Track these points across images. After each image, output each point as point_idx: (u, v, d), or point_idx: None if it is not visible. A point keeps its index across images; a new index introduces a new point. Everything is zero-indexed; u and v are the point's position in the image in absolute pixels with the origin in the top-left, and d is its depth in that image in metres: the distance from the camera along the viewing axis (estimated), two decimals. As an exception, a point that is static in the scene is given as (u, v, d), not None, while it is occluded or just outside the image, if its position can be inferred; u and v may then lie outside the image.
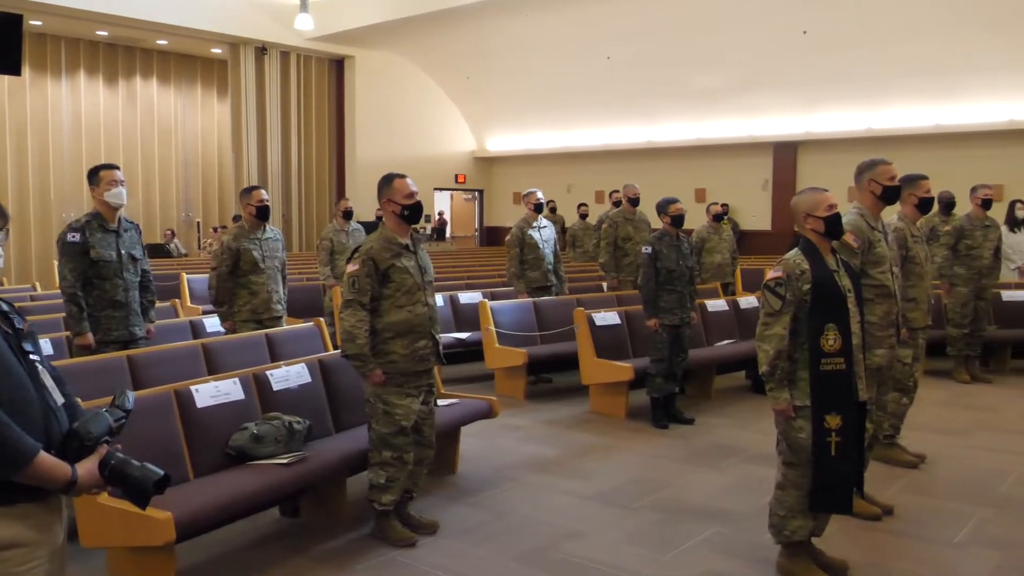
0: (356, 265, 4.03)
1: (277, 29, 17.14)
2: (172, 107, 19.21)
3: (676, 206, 6.45)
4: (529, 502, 4.76)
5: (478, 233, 22.23)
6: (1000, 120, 13.92)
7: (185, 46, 18.29)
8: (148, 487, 2.07)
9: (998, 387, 7.90)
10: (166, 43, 18.03)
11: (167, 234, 17.80)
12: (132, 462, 2.08)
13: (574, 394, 7.37)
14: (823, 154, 15.94)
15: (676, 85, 16.46)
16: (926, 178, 5.07)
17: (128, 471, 2.06)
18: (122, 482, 2.07)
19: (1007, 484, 5.09)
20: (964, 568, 3.90)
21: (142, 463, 2.09)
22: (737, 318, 7.92)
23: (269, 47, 17.60)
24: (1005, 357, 8.63)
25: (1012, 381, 8.15)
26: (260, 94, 17.68)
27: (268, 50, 17.63)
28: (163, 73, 19.04)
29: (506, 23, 16.27)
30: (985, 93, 13.86)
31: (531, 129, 20.02)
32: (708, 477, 5.24)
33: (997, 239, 8.11)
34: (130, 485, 2.07)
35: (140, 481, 2.06)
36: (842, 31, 13.87)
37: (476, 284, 9.95)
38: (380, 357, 4.05)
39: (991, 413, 6.92)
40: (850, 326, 3.55)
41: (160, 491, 2.09)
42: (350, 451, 4.33)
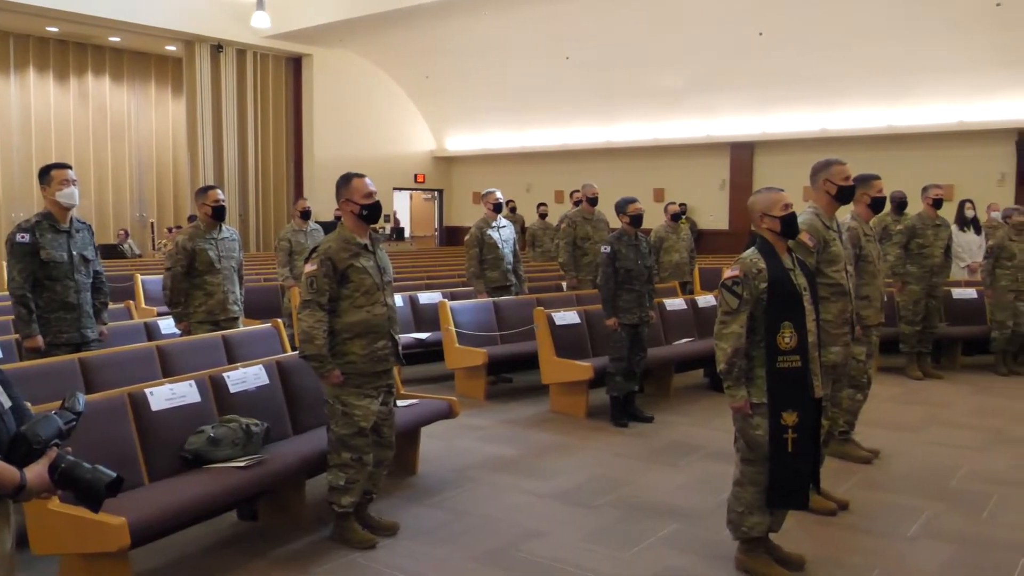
0: (314, 265, 3.99)
1: (233, 27, 16.95)
2: (125, 105, 18.90)
3: (635, 206, 6.49)
4: (489, 502, 4.75)
5: (437, 233, 22.18)
6: (950, 121, 14.23)
7: (138, 43, 18.00)
8: (100, 490, 2.02)
9: (949, 383, 8.07)
10: (119, 40, 17.73)
11: (120, 234, 17.50)
12: (83, 464, 2.03)
13: (534, 393, 7.38)
14: (779, 154, 16.16)
15: (635, 86, 16.59)
16: (878, 178, 5.17)
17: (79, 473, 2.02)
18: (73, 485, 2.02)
19: (958, 478, 5.20)
20: (916, 561, 3.97)
21: (93, 465, 2.04)
22: (695, 317, 7.99)
23: (225, 45, 17.40)
24: (956, 354, 8.81)
25: (963, 377, 8.33)
26: (216, 92, 17.46)
27: (224, 48, 17.43)
28: (116, 71, 18.73)
29: (465, 23, 16.26)
30: (935, 95, 14.16)
31: (491, 129, 20.03)
32: (667, 475, 5.28)
33: (947, 238, 8.28)
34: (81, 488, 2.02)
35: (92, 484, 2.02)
36: (797, 33, 14.08)
37: (436, 284, 9.92)
38: (339, 358, 4.02)
39: (942, 409, 7.06)
40: (806, 324, 3.60)
41: (113, 494, 2.04)
42: (309, 453, 4.29)
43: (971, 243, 10.41)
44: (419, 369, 8.18)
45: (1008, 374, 8.40)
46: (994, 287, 8.47)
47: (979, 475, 5.25)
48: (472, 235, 8.14)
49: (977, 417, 6.76)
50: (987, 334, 8.57)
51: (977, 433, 6.25)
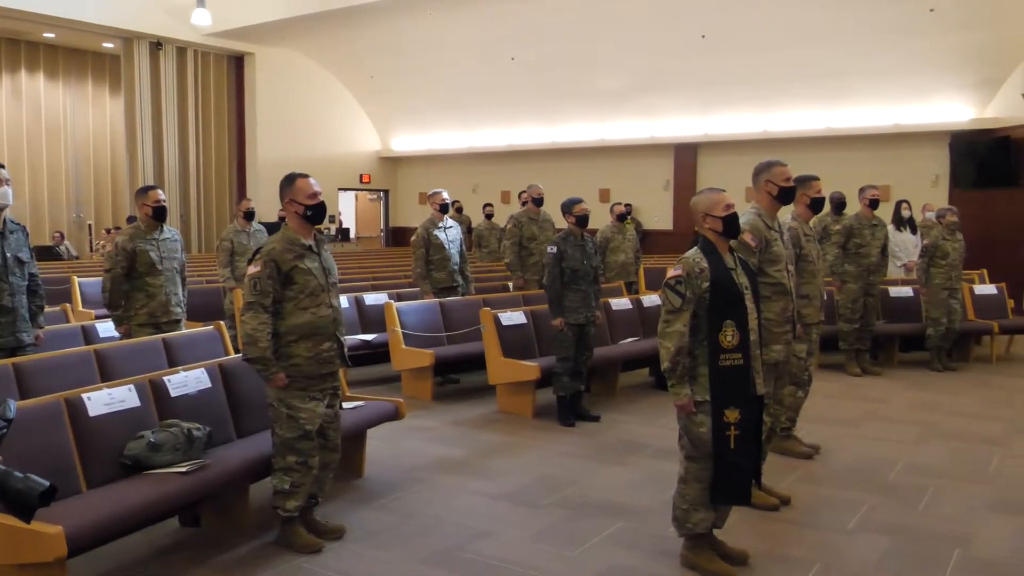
0: (257, 267, 3.94)
1: (173, 24, 16.62)
2: (61, 103, 18.44)
3: (581, 206, 6.52)
4: (437, 503, 4.74)
5: (383, 234, 22.03)
6: (886, 124, 14.58)
7: (74, 40, 17.58)
8: (32, 500, 1.97)
9: (886, 379, 8.27)
10: (53, 36, 17.30)
11: (56, 236, 17.06)
12: (14, 474, 1.98)
13: (481, 394, 7.38)
14: (722, 155, 16.38)
15: (579, 86, 16.68)
16: (818, 179, 5.27)
17: (10, 483, 1.96)
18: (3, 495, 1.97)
19: (895, 472, 5.33)
20: (856, 553, 4.06)
21: (25, 474, 1.99)
22: (640, 316, 8.07)
23: (164, 42, 17.05)
24: (893, 350, 9.03)
25: (899, 373, 8.54)
26: (155, 91, 17.11)
27: (163, 45, 17.09)
28: (51, 68, 18.26)
29: (410, 22, 16.19)
30: (872, 98, 14.50)
31: (436, 129, 19.97)
32: (614, 473, 5.32)
33: (884, 238, 8.48)
34: (12, 498, 1.97)
35: (23, 494, 1.97)
36: (738, 36, 14.29)
37: (382, 285, 9.86)
38: (283, 360, 3.97)
39: (880, 404, 7.23)
40: (747, 323, 3.66)
41: (46, 504, 2.00)
42: (253, 457, 4.23)
43: (907, 242, 10.67)
44: (365, 371, 8.13)
45: (942, 370, 8.63)
46: (929, 285, 8.69)
47: (915, 468, 5.39)
48: (418, 236, 8.11)
49: (913, 412, 6.94)
50: (923, 331, 8.80)
51: (913, 427, 6.42)
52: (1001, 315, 9.45)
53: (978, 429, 6.38)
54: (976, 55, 13.26)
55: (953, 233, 8.74)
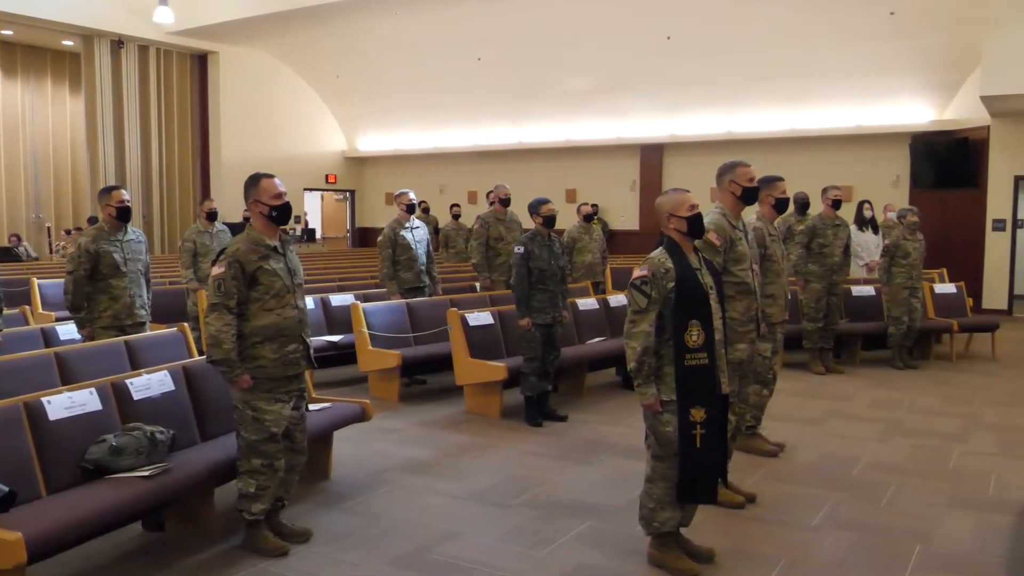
0: (221, 268, 3.90)
1: (134, 22, 16.41)
2: (19, 102, 18.12)
3: (548, 207, 6.53)
4: (404, 505, 4.72)
5: (350, 234, 21.92)
6: (848, 125, 14.79)
7: (33, 37, 17.29)
8: (-8, 506, 1.93)
9: (849, 377, 8.37)
10: (11, 34, 16.99)
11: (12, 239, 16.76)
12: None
13: (449, 395, 7.37)
14: (687, 156, 16.51)
15: (546, 87, 16.72)
16: (782, 180, 5.33)
17: (-31, 490, 1.93)
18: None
19: (858, 469, 5.40)
20: (820, 550, 4.11)
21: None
22: (607, 316, 8.10)
23: (126, 40, 16.83)
24: (856, 349, 9.15)
25: (862, 371, 8.66)
26: (117, 90, 16.88)
27: (125, 44, 16.85)
28: (8, 65, 17.94)
29: (376, 22, 16.13)
30: (835, 99, 14.70)
31: (403, 129, 19.90)
32: (581, 472, 5.33)
33: (847, 237, 8.60)
34: (-28, 505, 1.93)
35: (-17, 500, 1.93)
36: (703, 38, 14.42)
37: (348, 286, 9.81)
38: (248, 362, 3.94)
39: (843, 402, 7.32)
40: (712, 322, 3.68)
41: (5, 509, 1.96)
42: (217, 460, 4.18)
43: (869, 242, 10.82)
44: (332, 372, 8.07)
45: (904, 368, 8.76)
46: (890, 284, 8.82)
47: (878, 465, 5.47)
48: (385, 236, 8.07)
49: (876, 409, 7.04)
50: (884, 330, 8.92)
51: (876, 425, 6.51)
52: (960, 314, 9.61)
53: (939, 426, 6.48)
54: (935, 58, 13.49)
55: (914, 233, 8.87)
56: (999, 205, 13.45)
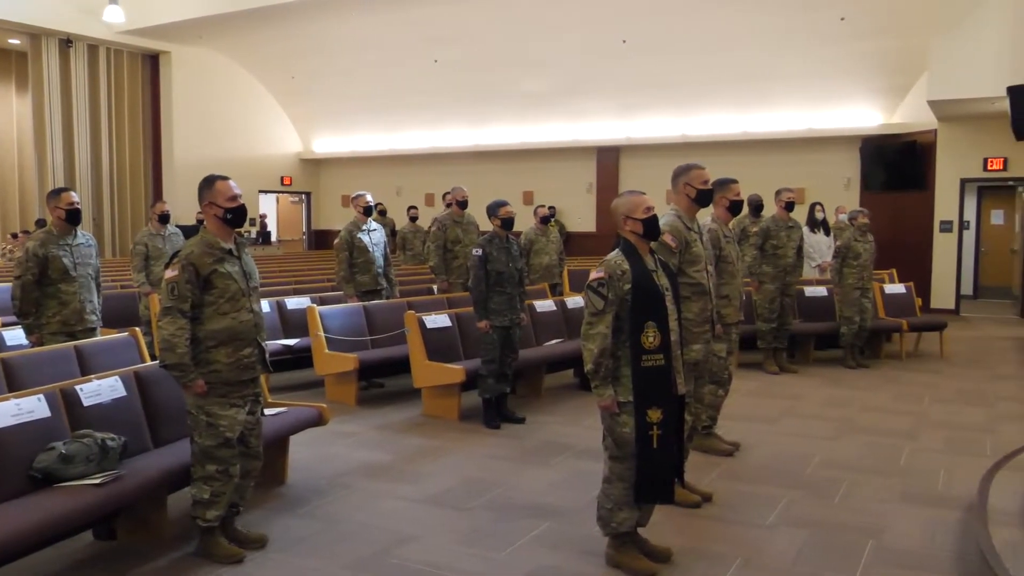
0: (175, 271, 3.84)
1: (83, 20, 16.11)
2: (-37, 102, 17.68)
3: (506, 209, 6.54)
4: (362, 509, 4.69)
5: (306, 236, 21.73)
6: (800, 128, 15.03)
7: (-23, 35, 16.89)
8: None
9: (803, 376, 8.50)
10: (-45, 32, 16.58)
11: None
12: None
13: (406, 398, 7.33)
14: (643, 158, 16.64)
15: (503, 89, 16.74)
16: (736, 182, 5.39)
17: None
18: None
19: (811, 467, 5.48)
20: (775, 547, 4.16)
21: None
22: (565, 318, 8.12)
23: (75, 40, 16.51)
24: (808, 348, 9.30)
25: (815, 371, 8.79)
26: (66, 90, 16.55)
27: (74, 43, 16.53)
28: (-48, 64, 17.51)
29: (332, 23, 16.02)
30: (787, 103, 14.94)
31: (359, 131, 19.79)
32: (539, 474, 5.34)
33: (800, 239, 8.73)
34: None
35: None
36: (658, 42, 14.55)
37: (304, 289, 9.73)
38: (202, 366, 3.88)
39: (797, 401, 7.43)
40: (668, 323, 3.71)
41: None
42: (171, 466, 4.12)
43: (821, 243, 11.00)
44: (288, 376, 8.00)
45: (855, 367, 8.91)
46: (842, 285, 8.97)
47: (831, 463, 5.55)
48: (342, 238, 8.03)
49: (828, 408, 7.15)
50: (836, 329, 9.07)
51: (828, 423, 6.61)
52: (910, 313, 9.81)
53: (889, 424, 6.61)
54: (884, 62, 13.77)
55: (864, 234, 9.03)
56: (946, 207, 13.77)
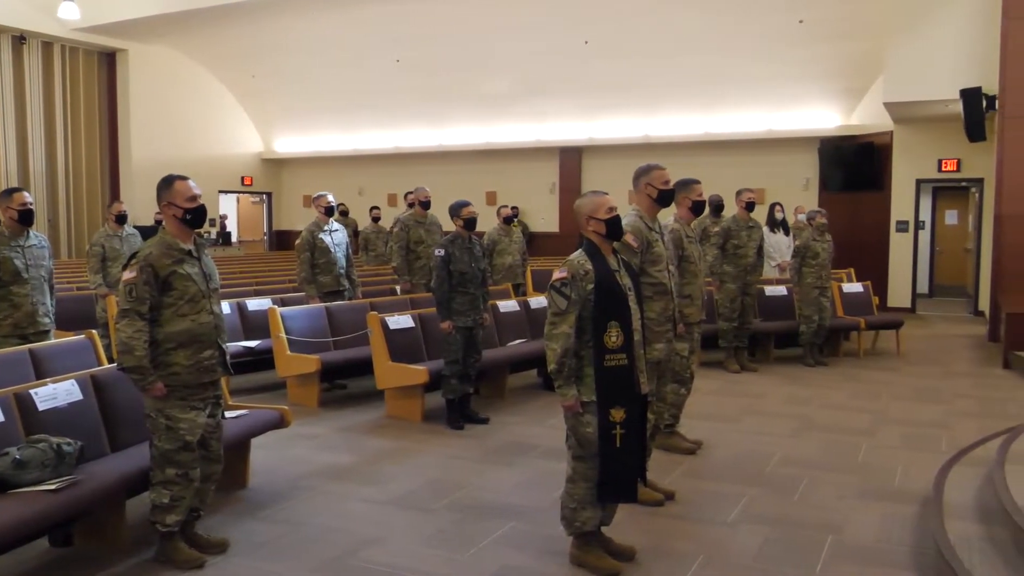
0: (133, 272, 3.78)
1: (38, 17, 15.80)
2: (-88, 100, 17.22)
3: (469, 209, 6.54)
4: (325, 512, 4.66)
5: (267, 237, 21.52)
6: (760, 129, 15.21)
7: (-74, 31, 16.48)
8: None
9: (763, 375, 8.60)
10: (-97, 28, 16.17)
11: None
12: None
13: (369, 399, 7.30)
14: (605, 159, 16.72)
15: (465, 89, 16.72)
16: (699, 182, 5.44)
17: None
18: None
19: (772, 464, 5.55)
20: (737, 544, 4.20)
21: None
22: (528, 318, 8.13)
23: (28, 36, 16.18)
24: (769, 347, 9.41)
25: (775, 369, 8.90)
26: (19, 87, 16.23)
27: (27, 39, 16.21)
28: (-101, 61, 17.05)
29: (292, 22, 15.88)
30: (747, 104, 15.10)
31: (321, 131, 19.65)
32: (503, 474, 5.34)
33: (760, 239, 8.82)
34: None
35: None
36: (620, 43, 14.62)
37: (265, 290, 9.64)
38: (161, 369, 3.83)
39: (757, 399, 7.51)
40: (631, 323, 3.73)
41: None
42: (129, 471, 4.05)
43: (781, 243, 11.13)
44: (249, 378, 7.91)
45: (815, 365, 9.03)
46: (801, 284, 9.09)
47: (791, 460, 5.62)
48: (303, 239, 7.96)
49: (788, 406, 7.24)
50: (796, 328, 9.19)
51: (788, 421, 6.69)
52: (867, 312, 9.96)
53: (848, 421, 6.70)
54: (842, 65, 13.98)
55: (823, 234, 9.16)
56: (902, 207, 14.01)
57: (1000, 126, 10.62)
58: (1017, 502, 3.89)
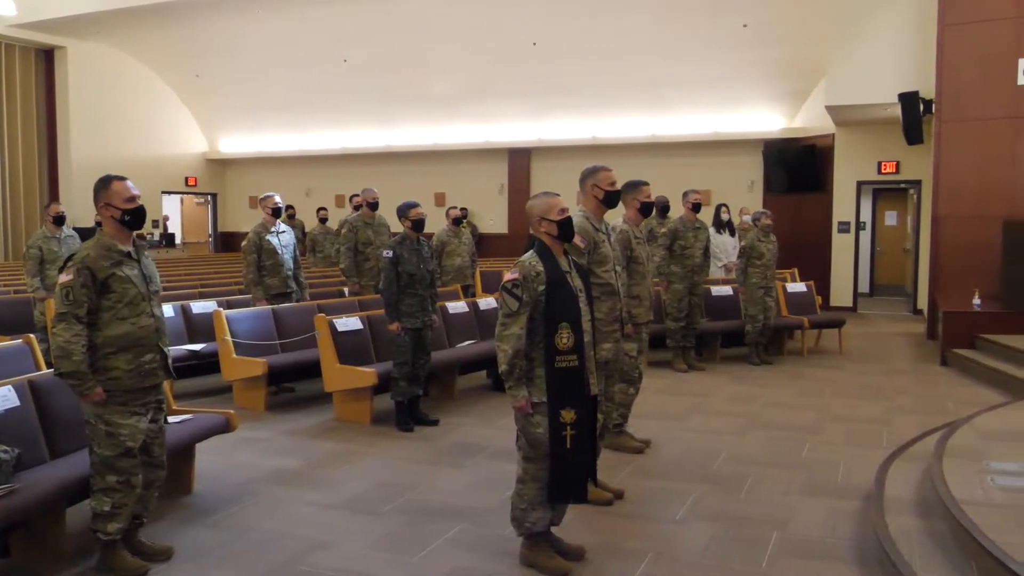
0: (70, 275, 3.69)
1: (-29, 13, 15.35)
2: None
3: (416, 210, 6.51)
4: (272, 516, 4.59)
5: (212, 239, 21.18)
6: (706, 132, 15.41)
7: None
8: None
9: (710, 374, 8.70)
10: None
11: None
12: None
13: (318, 402, 7.22)
14: (554, 160, 16.79)
15: (414, 90, 16.66)
16: (647, 184, 5.49)
17: None
18: None
19: (719, 462, 5.61)
20: (685, 541, 4.25)
21: None
22: (477, 319, 8.13)
23: (-39, 33, 15.73)
24: (715, 347, 9.53)
25: (721, 368, 9.01)
26: (-48, 85, 15.76)
27: (-40, 36, 15.75)
28: None
29: (238, 20, 15.66)
30: (693, 107, 15.30)
31: (267, 130, 19.41)
32: (453, 476, 5.33)
33: (706, 240, 8.93)
34: None
35: None
36: (568, 45, 14.69)
37: (210, 292, 9.48)
38: (100, 374, 3.74)
39: (704, 398, 7.60)
40: (582, 324, 3.75)
41: None
42: (69, 478, 3.95)
43: (727, 244, 11.28)
44: (194, 382, 7.78)
45: (760, 363, 9.17)
46: (746, 284, 9.22)
47: (737, 458, 5.70)
48: (250, 241, 7.85)
49: (734, 404, 7.34)
50: (741, 328, 9.32)
51: (735, 419, 6.78)
52: (810, 311, 10.15)
53: (792, 418, 6.82)
54: (785, 69, 14.22)
55: (767, 235, 9.30)
56: (844, 208, 14.30)
57: (937, 129, 10.91)
58: (955, 495, 3.99)
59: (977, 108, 10.51)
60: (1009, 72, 10.28)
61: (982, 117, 10.49)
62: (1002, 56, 10.32)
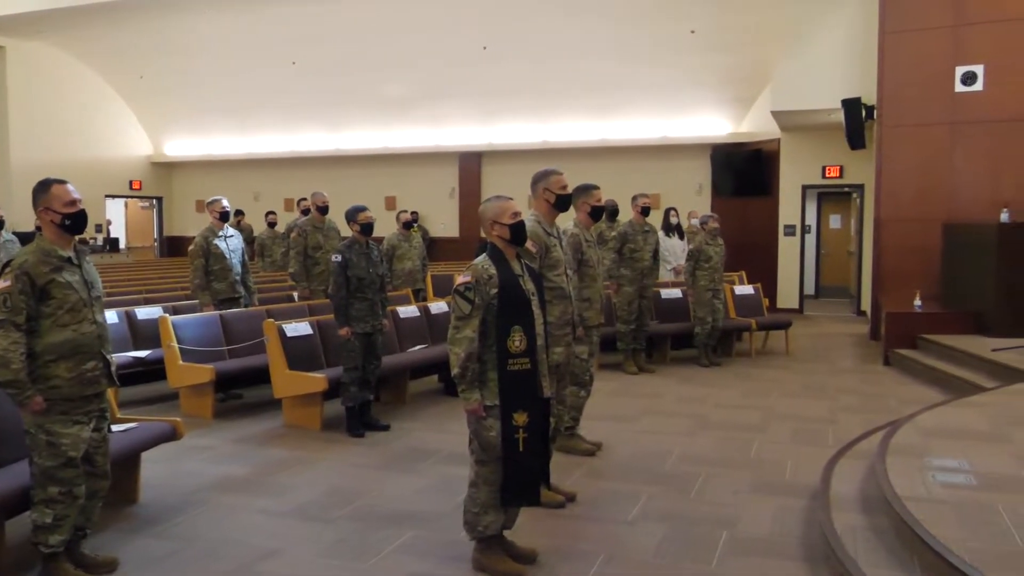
0: (8, 281, 3.59)
1: (-96, 11, 14.88)
2: None
3: (365, 214, 6.47)
4: (220, 525, 4.52)
5: (157, 243, 20.79)
6: (655, 136, 15.56)
7: None
8: None
9: (660, 376, 8.78)
10: None
11: None
12: None
13: (267, 408, 7.13)
14: (505, 164, 16.80)
15: (363, 93, 16.56)
16: (598, 188, 5.52)
17: None
18: None
19: (670, 462, 5.67)
20: (636, 542, 4.28)
21: None
22: (428, 323, 8.10)
23: None
24: (665, 348, 9.62)
25: (671, 370, 9.10)
26: None
27: None
28: None
29: (184, 21, 15.41)
30: (642, 111, 15.44)
31: (214, 133, 19.12)
32: (405, 481, 5.30)
33: (656, 243, 9.01)
34: None
35: None
36: (518, 48, 14.73)
37: (156, 298, 9.31)
38: (40, 382, 3.64)
39: (655, 399, 7.67)
40: (535, 328, 3.76)
41: None
42: (8, 490, 3.84)
43: (676, 247, 11.41)
44: (139, 390, 7.63)
45: (709, 365, 9.28)
46: (695, 287, 9.32)
47: (687, 458, 5.76)
48: (197, 245, 7.73)
49: (684, 405, 7.42)
50: (691, 330, 9.42)
51: (685, 420, 6.85)
52: (758, 313, 10.30)
53: (741, 418, 6.91)
54: (732, 75, 14.43)
55: (715, 238, 9.42)
56: (789, 212, 14.55)
57: (878, 135, 11.16)
58: (898, 492, 4.08)
59: (917, 114, 10.77)
60: (947, 79, 10.56)
61: (922, 123, 10.75)
62: (940, 63, 10.59)
